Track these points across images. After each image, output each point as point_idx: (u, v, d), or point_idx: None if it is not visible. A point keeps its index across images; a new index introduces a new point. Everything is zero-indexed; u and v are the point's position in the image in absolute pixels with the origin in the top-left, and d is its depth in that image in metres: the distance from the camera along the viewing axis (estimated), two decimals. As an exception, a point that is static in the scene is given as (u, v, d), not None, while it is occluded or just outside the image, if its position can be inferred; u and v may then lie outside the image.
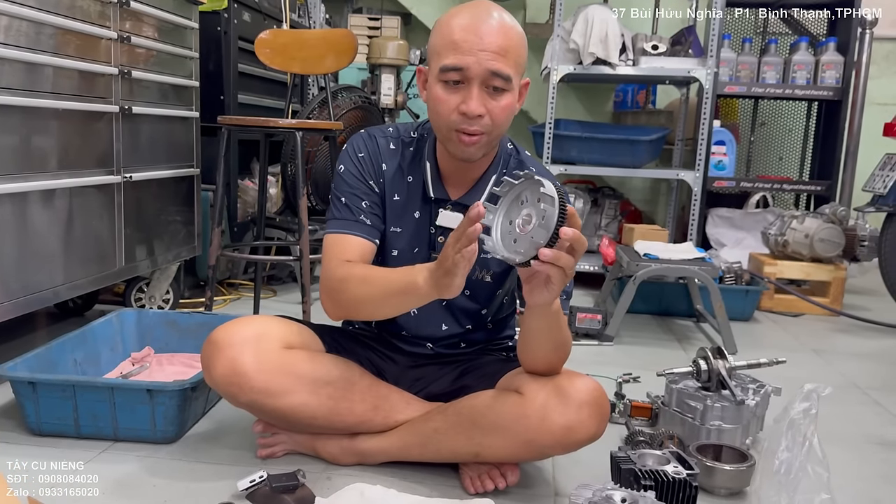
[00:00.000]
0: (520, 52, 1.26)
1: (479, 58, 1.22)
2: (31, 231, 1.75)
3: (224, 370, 1.31)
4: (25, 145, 1.71)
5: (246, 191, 3.17)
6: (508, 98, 1.27)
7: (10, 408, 1.67)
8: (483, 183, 1.39)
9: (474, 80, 1.23)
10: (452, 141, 1.30)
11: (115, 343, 1.93)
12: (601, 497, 1.17)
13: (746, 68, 3.59)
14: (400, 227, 1.43)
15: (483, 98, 1.25)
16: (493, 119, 1.27)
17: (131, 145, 2.11)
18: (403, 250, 1.43)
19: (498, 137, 1.33)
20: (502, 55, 1.22)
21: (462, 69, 1.23)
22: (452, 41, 1.23)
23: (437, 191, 1.40)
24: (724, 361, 1.67)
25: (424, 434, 1.38)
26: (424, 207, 1.42)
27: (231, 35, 2.88)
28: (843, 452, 1.66)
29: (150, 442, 1.53)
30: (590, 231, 3.88)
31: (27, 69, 1.71)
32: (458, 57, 1.23)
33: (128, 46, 2.06)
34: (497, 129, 1.29)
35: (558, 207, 1.03)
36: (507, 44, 1.23)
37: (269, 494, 1.28)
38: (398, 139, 1.44)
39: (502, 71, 1.23)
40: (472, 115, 1.24)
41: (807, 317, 3.09)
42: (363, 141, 1.43)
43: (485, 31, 1.22)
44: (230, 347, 1.31)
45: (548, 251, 1.03)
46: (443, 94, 1.27)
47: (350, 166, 1.41)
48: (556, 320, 1.24)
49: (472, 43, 1.22)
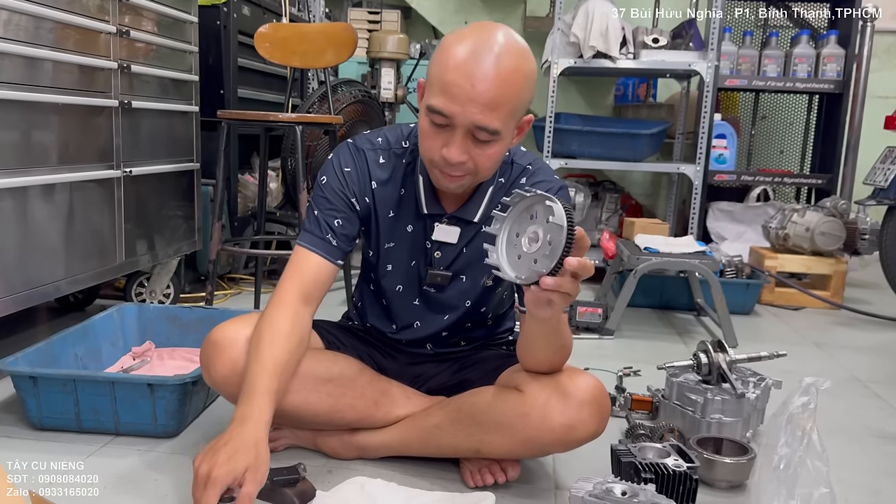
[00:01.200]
0: (516, 99, 1.17)
1: (466, 109, 1.14)
2: (32, 226, 1.75)
3: (224, 370, 1.30)
4: (25, 140, 1.71)
5: (246, 185, 3.16)
6: (496, 147, 1.20)
7: (11, 402, 1.67)
8: (479, 195, 1.35)
9: (458, 129, 1.17)
10: (436, 176, 1.26)
11: (116, 338, 1.93)
12: (601, 490, 1.17)
13: (747, 61, 3.58)
14: (393, 241, 1.39)
15: (467, 146, 1.18)
16: (477, 165, 1.21)
17: (131, 140, 2.11)
18: (399, 266, 1.41)
19: (486, 177, 1.28)
20: (492, 109, 1.14)
21: (447, 115, 1.16)
22: (444, 82, 1.15)
23: (430, 206, 1.35)
24: (725, 355, 1.67)
25: (425, 430, 1.38)
26: (418, 221, 1.38)
27: (231, 29, 2.87)
28: (845, 445, 1.67)
29: (151, 436, 1.53)
30: (590, 225, 3.88)
31: (27, 64, 1.70)
32: (445, 102, 1.15)
33: (127, 41, 2.05)
34: (483, 173, 1.24)
35: (566, 236, 1.00)
36: (499, 95, 1.14)
37: (271, 488, 1.28)
38: (388, 151, 1.38)
39: (489, 126, 1.15)
40: (451, 161, 1.19)
41: (807, 310, 3.09)
42: (351, 155, 1.37)
43: (478, 78, 1.13)
44: (230, 347, 1.30)
45: (549, 280, 1.01)
46: (428, 130, 1.21)
47: (333, 180, 1.36)
48: (557, 326, 1.22)
49: (462, 90, 1.13)
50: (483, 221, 1.33)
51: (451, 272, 1.39)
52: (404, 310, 1.45)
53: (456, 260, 1.38)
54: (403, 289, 1.43)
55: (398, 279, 1.42)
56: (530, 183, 1.35)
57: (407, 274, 1.41)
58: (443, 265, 1.38)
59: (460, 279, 1.40)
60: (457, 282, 1.40)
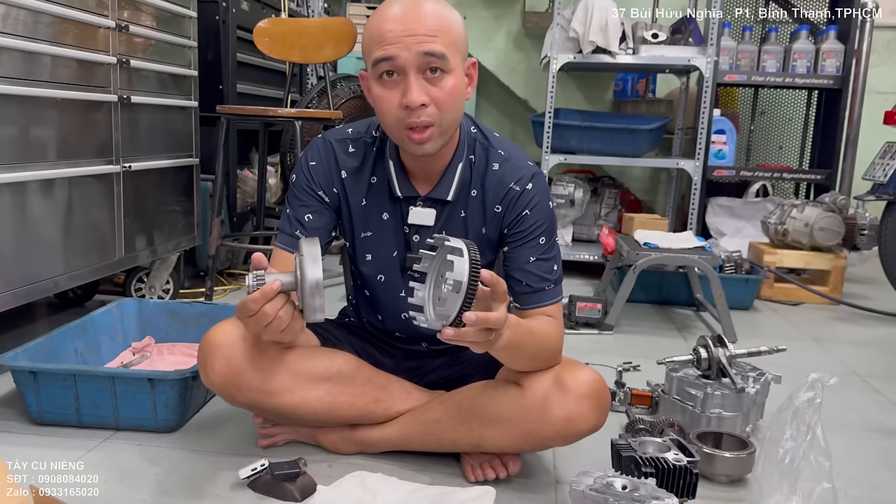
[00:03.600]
0: (453, 31, 1.21)
1: (408, 43, 1.17)
2: (31, 221, 1.75)
3: (221, 371, 1.30)
4: (24, 135, 1.71)
5: (245, 181, 3.16)
6: (451, 80, 1.20)
7: (11, 397, 1.67)
8: (450, 173, 1.34)
9: (409, 69, 1.18)
10: (404, 140, 1.25)
11: (116, 333, 1.93)
12: (602, 484, 1.17)
13: (746, 57, 3.57)
14: (370, 230, 1.39)
15: (423, 86, 1.19)
16: (439, 105, 1.21)
17: (130, 135, 2.11)
18: (378, 254, 1.40)
19: (452, 125, 1.27)
20: (432, 35, 1.17)
21: (392, 58, 1.18)
22: (379, 34, 1.19)
23: (404, 189, 1.35)
24: (724, 349, 1.67)
25: (425, 424, 1.38)
26: (393, 207, 1.38)
27: (229, 24, 2.86)
28: (844, 440, 1.67)
29: (152, 431, 1.54)
30: (590, 220, 3.88)
31: (26, 58, 1.70)
32: (386, 48, 1.18)
33: (126, 35, 2.05)
34: (447, 116, 1.23)
35: (464, 294, 1.01)
36: (436, 24, 1.18)
37: (271, 482, 1.29)
38: (358, 140, 1.39)
39: (434, 50, 1.17)
40: (413, 105, 1.18)
41: (806, 305, 3.09)
42: (318, 149, 1.39)
43: (410, 18, 1.18)
44: (226, 347, 1.30)
45: (448, 331, 1.03)
46: (382, 91, 1.22)
47: (301, 178, 1.38)
48: (512, 349, 1.20)
49: (398, 31, 1.17)
50: (456, 200, 1.34)
51: None
52: (389, 300, 1.44)
53: None
54: (385, 278, 1.42)
55: (378, 268, 1.41)
56: (504, 171, 1.35)
57: (387, 262, 1.40)
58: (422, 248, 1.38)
59: None
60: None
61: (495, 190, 1.35)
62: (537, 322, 1.30)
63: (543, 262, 1.33)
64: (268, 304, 1.10)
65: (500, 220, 1.35)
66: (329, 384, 1.36)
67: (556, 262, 1.35)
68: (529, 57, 4.37)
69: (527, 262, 1.33)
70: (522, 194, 1.33)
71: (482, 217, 1.36)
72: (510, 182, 1.34)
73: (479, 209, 1.36)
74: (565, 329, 2.45)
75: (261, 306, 1.10)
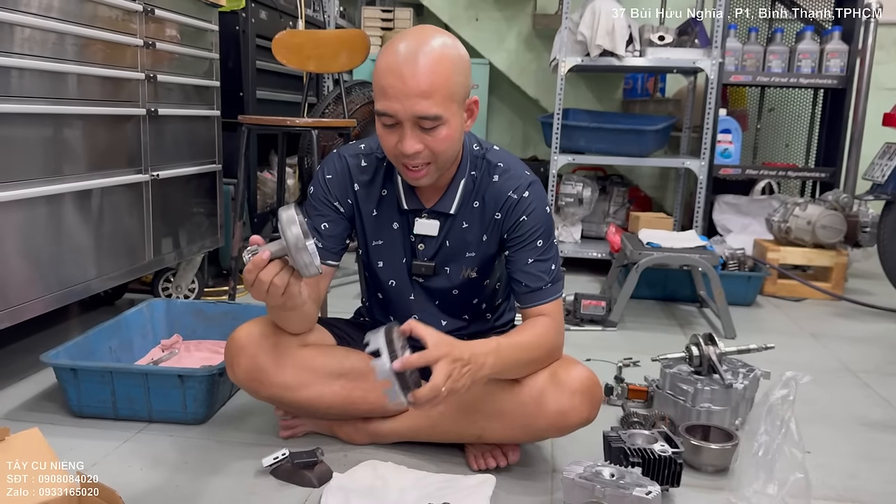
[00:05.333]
0: (449, 84, 1.27)
1: (404, 105, 1.25)
2: (66, 229, 1.89)
3: (246, 368, 1.43)
4: (60, 149, 1.84)
5: (265, 182, 3.29)
6: (445, 130, 1.30)
7: (53, 391, 1.81)
8: (453, 188, 1.46)
9: (405, 123, 1.28)
10: (402, 171, 1.38)
11: (147, 331, 2.07)
12: (591, 473, 1.28)
13: (752, 57, 3.64)
14: (381, 239, 1.52)
15: (417, 136, 1.29)
16: (434, 151, 1.31)
17: (157, 145, 2.24)
18: (389, 261, 1.53)
19: (447, 162, 1.37)
20: (426, 97, 1.25)
21: (390, 114, 1.28)
22: (381, 87, 1.28)
23: (410, 202, 1.47)
24: (715, 347, 1.77)
25: (432, 417, 1.49)
26: (402, 218, 1.50)
27: (249, 33, 2.99)
28: (828, 432, 1.77)
29: (182, 423, 1.67)
30: (599, 218, 3.98)
31: (64, 79, 1.83)
32: (385, 103, 1.28)
33: (152, 52, 2.18)
34: (442, 157, 1.34)
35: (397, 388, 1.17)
36: (431, 84, 1.25)
37: (291, 470, 1.41)
38: (371, 156, 1.50)
39: (428, 113, 1.26)
40: (407, 153, 1.30)
41: (809, 301, 3.17)
42: (333, 163, 1.50)
43: (408, 74, 1.24)
44: (250, 346, 1.43)
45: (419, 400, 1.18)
46: (383, 132, 1.33)
47: (318, 189, 1.50)
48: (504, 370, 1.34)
49: (396, 89, 1.25)
50: (458, 213, 1.46)
51: (434, 263, 1.50)
52: (400, 303, 1.56)
53: (438, 251, 1.50)
54: (396, 283, 1.54)
55: (389, 274, 1.54)
56: (502, 181, 1.46)
57: (397, 268, 1.52)
58: (426, 257, 1.50)
59: (444, 270, 1.51)
60: (441, 272, 1.52)
61: (495, 200, 1.46)
62: (529, 330, 1.41)
63: (541, 263, 1.44)
64: (262, 271, 1.20)
65: (499, 226, 1.47)
66: (344, 380, 1.49)
67: (554, 262, 1.46)
68: (540, 58, 4.45)
69: (525, 263, 1.44)
70: (520, 202, 1.44)
71: (482, 226, 1.48)
72: (508, 191, 1.45)
73: (479, 219, 1.47)
74: (571, 326, 2.58)
75: (255, 275, 1.20)
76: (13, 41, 1.66)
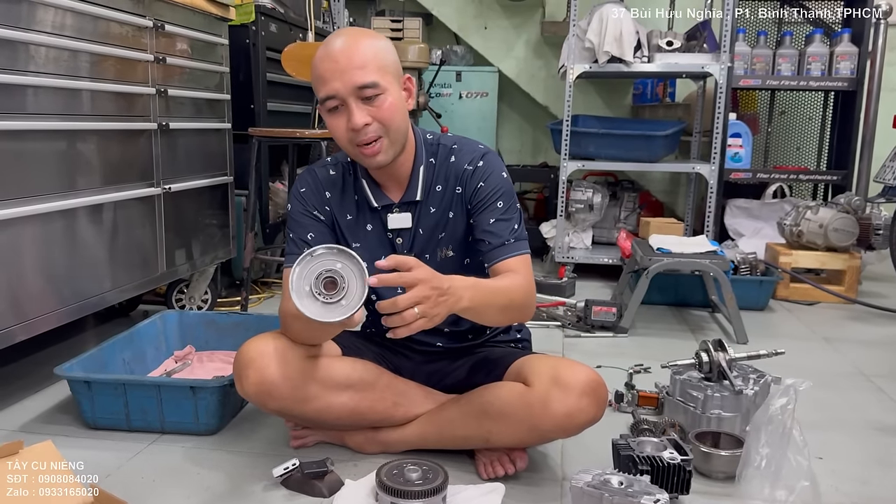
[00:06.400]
0: (380, 57, 1.38)
1: (343, 79, 1.35)
2: (81, 243, 1.91)
3: (254, 381, 1.44)
4: (74, 164, 1.87)
5: (276, 192, 3.31)
6: (388, 99, 1.38)
7: (67, 403, 1.84)
8: (415, 176, 1.51)
9: (348, 99, 1.36)
10: (360, 157, 1.44)
11: (160, 342, 2.09)
12: (599, 481, 1.29)
13: (761, 61, 3.62)
14: (358, 241, 1.55)
15: (363, 108, 1.37)
16: (382, 121, 1.38)
17: (169, 158, 2.27)
18: (371, 261, 1.53)
19: (399, 134, 1.43)
20: (360, 68, 1.35)
21: (333, 94, 1.36)
22: (319, 75, 1.38)
23: (379, 199, 1.53)
24: (725, 353, 1.77)
25: (440, 423, 1.51)
26: (374, 218, 1.54)
27: (259, 46, 3.01)
28: (841, 438, 1.76)
29: (194, 434, 1.68)
30: (609, 223, 3.97)
31: (77, 95, 1.87)
32: (326, 87, 1.37)
33: (163, 67, 2.21)
34: (392, 127, 1.40)
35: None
36: (362, 57, 1.36)
37: (302, 480, 1.43)
38: (338, 164, 1.57)
39: (366, 80, 1.35)
40: (357, 126, 1.37)
41: (822, 305, 3.15)
42: (304, 177, 1.57)
43: (339, 55, 1.36)
44: (258, 360, 1.44)
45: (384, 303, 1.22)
46: (332, 120, 1.40)
47: (295, 205, 1.55)
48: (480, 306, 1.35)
49: (332, 70, 1.36)
50: (425, 199, 1.51)
51: (413, 253, 1.52)
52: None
53: (414, 241, 1.54)
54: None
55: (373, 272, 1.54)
56: (458, 158, 1.51)
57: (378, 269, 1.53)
58: (405, 249, 1.54)
59: (424, 258, 1.51)
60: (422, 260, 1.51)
61: (455, 176, 1.52)
62: (502, 279, 1.43)
63: (504, 223, 1.47)
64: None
65: (462, 199, 1.52)
66: (352, 391, 1.50)
67: (517, 222, 1.50)
68: (549, 64, 4.46)
69: (487, 223, 1.47)
70: (475, 171, 1.50)
71: (449, 204, 1.52)
72: (464, 164, 1.51)
73: (444, 199, 1.52)
74: (582, 332, 2.58)
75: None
76: (28, 60, 1.70)
